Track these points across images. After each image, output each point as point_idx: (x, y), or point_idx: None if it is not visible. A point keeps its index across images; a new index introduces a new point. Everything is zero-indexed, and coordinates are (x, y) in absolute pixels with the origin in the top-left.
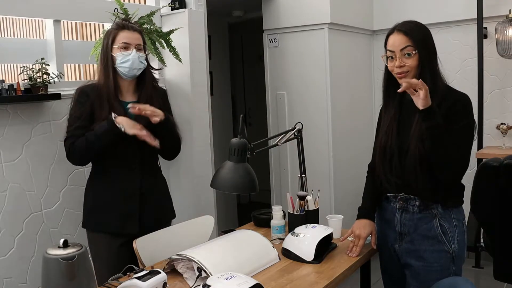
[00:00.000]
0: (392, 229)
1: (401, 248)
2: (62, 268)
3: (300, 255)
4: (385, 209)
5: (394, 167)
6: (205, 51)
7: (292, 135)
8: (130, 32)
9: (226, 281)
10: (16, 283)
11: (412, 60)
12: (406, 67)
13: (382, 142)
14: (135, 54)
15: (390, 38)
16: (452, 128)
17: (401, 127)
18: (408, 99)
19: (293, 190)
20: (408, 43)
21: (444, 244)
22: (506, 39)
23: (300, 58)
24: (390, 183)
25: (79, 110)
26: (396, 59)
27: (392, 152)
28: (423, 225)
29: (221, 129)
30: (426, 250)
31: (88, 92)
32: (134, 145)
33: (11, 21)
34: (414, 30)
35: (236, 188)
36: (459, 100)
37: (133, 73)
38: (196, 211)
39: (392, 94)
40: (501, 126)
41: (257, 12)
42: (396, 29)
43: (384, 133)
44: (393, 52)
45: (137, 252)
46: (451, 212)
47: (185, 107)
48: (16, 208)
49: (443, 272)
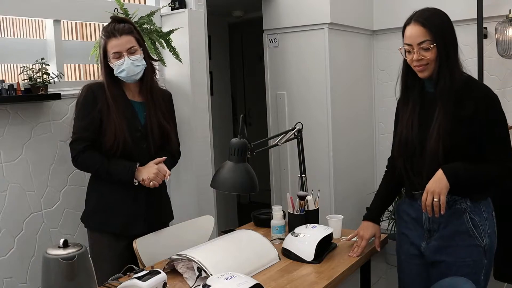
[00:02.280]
0: (420, 226)
1: (430, 246)
2: (62, 268)
3: (300, 255)
4: (411, 206)
5: (416, 163)
6: (205, 51)
7: (292, 135)
8: (117, 39)
9: (226, 281)
10: (16, 283)
11: (430, 53)
12: (425, 60)
13: (402, 137)
14: (128, 61)
15: (408, 29)
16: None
17: (423, 121)
18: (429, 91)
19: (293, 190)
20: (426, 37)
21: (476, 238)
22: (506, 39)
23: (300, 58)
24: (413, 181)
25: (87, 109)
26: (414, 53)
27: (413, 148)
28: (454, 221)
29: (221, 129)
30: (457, 245)
31: (96, 91)
32: (143, 149)
33: (11, 21)
34: (432, 21)
35: (236, 188)
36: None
37: (132, 79)
38: (196, 211)
39: (410, 87)
40: None
41: (257, 12)
42: (414, 19)
43: (404, 127)
44: (411, 46)
45: (137, 252)
46: (480, 205)
47: (185, 107)
48: (16, 208)
49: (476, 265)
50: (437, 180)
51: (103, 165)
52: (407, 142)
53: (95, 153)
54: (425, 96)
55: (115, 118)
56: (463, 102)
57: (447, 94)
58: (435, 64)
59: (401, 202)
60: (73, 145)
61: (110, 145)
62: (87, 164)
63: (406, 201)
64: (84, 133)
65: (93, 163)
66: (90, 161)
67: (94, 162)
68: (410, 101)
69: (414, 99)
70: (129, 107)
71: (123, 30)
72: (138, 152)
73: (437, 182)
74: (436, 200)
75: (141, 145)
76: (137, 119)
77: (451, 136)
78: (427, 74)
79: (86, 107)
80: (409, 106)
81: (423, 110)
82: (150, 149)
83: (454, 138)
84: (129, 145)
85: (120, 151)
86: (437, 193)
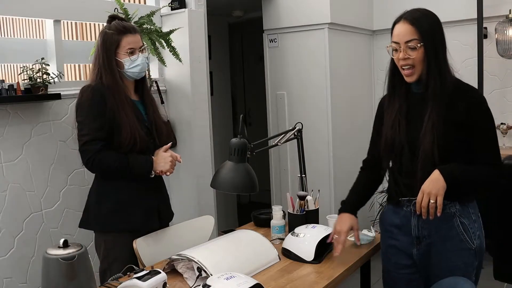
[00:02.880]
0: (408, 234)
1: (421, 252)
2: (62, 268)
3: (300, 255)
4: (396, 214)
5: (405, 166)
6: (205, 51)
7: (292, 135)
8: (132, 35)
9: (226, 281)
10: (16, 283)
11: (417, 52)
12: (411, 60)
13: (389, 138)
14: (142, 58)
15: (396, 27)
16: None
17: (411, 121)
18: (415, 92)
19: (293, 190)
20: (414, 36)
21: (467, 242)
22: (506, 39)
23: (300, 58)
24: (401, 186)
25: (97, 110)
26: (400, 51)
27: (401, 150)
28: (443, 226)
29: (221, 129)
30: (448, 250)
31: (102, 92)
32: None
33: (11, 21)
34: (421, 21)
35: (236, 188)
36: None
37: (141, 75)
38: (196, 211)
39: (397, 86)
40: (501, 126)
41: (257, 12)
42: (403, 18)
43: (390, 127)
44: (398, 44)
45: (137, 252)
46: (468, 207)
47: (185, 107)
48: (16, 208)
49: (467, 268)
50: (434, 180)
51: (123, 161)
52: (394, 143)
53: (111, 151)
54: (412, 97)
55: (129, 116)
56: (454, 106)
57: (439, 95)
58: (422, 65)
59: (384, 212)
60: (87, 146)
61: (128, 142)
62: (107, 163)
63: (390, 209)
64: (98, 133)
65: (113, 161)
66: (110, 159)
67: (114, 159)
68: (397, 102)
69: (401, 99)
70: (134, 105)
71: (135, 29)
72: (150, 148)
73: (434, 182)
74: (433, 202)
75: (150, 141)
76: (141, 116)
77: (443, 138)
78: (415, 79)
79: (96, 108)
80: (396, 106)
81: (410, 110)
82: (155, 144)
83: (446, 140)
84: (145, 141)
85: (138, 147)
86: (434, 194)
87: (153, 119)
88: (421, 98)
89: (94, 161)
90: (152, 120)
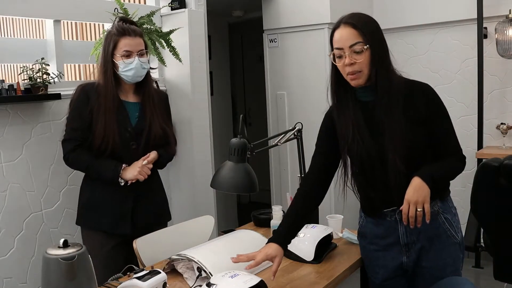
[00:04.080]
0: (395, 244)
1: (411, 259)
2: (62, 268)
3: (300, 255)
4: (379, 225)
5: (379, 176)
6: (205, 51)
7: (292, 135)
8: (131, 38)
9: (231, 279)
10: (16, 283)
11: (363, 56)
12: (357, 65)
13: (355, 154)
14: (137, 62)
15: (337, 33)
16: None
17: (371, 131)
18: (363, 100)
19: (293, 190)
20: (358, 39)
21: (452, 237)
22: (506, 39)
23: (300, 58)
24: (372, 198)
25: (78, 110)
26: (345, 57)
27: (372, 163)
28: (430, 226)
29: (221, 129)
30: (437, 248)
31: (89, 92)
32: (132, 149)
33: (11, 21)
34: (363, 22)
35: (236, 188)
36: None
37: (136, 80)
38: (196, 211)
39: (343, 96)
40: (501, 126)
41: (257, 12)
42: (343, 22)
43: (352, 141)
44: (342, 50)
45: (137, 252)
46: (447, 202)
47: (185, 107)
48: (16, 208)
49: (455, 262)
50: (418, 188)
51: (91, 164)
52: (362, 158)
53: (84, 152)
54: (363, 106)
55: (106, 118)
56: (414, 105)
57: (393, 98)
58: (369, 69)
59: (364, 225)
60: (64, 144)
61: (99, 144)
62: (76, 163)
63: (370, 222)
64: (73, 133)
65: (82, 162)
66: (79, 160)
67: (83, 160)
68: (349, 113)
69: (353, 109)
70: (121, 107)
71: (136, 32)
72: (127, 152)
73: (419, 190)
74: (420, 210)
75: (130, 146)
76: (127, 119)
77: (412, 140)
78: (361, 82)
79: (77, 108)
80: (348, 118)
81: (366, 120)
82: (138, 149)
83: (415, 141)
84: (118, 145)
85: (109, 150)
86: (420, 202)
87: (148, 123)
88: (373, 106)
89: (68, 159)
90: (145, 124)
